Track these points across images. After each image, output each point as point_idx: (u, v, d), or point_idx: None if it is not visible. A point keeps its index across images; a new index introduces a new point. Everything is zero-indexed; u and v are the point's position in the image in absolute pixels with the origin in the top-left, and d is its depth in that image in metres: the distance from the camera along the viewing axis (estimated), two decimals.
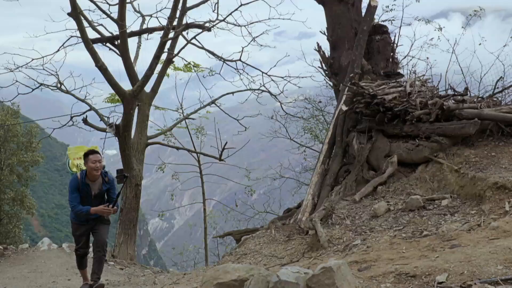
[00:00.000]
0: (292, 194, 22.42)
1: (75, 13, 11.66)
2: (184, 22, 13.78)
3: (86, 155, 8.05)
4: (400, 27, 13.09)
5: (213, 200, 28.72)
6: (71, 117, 14.98)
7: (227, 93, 16.78)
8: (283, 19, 14.89)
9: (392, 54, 11.30)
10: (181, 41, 14.32)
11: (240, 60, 14.75)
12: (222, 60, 15.10)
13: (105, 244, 8.52)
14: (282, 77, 15.30)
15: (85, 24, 12.99)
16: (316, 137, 21.12)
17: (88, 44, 11.93)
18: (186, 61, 17.09)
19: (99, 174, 8.10)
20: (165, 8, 14.54)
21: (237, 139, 19.49)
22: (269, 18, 14.88)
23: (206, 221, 20.31)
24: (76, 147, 9.31)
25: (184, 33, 14.72)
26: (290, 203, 15.89)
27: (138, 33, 16.05)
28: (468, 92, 10.02)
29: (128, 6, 14.23)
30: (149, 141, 15.32)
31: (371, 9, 11.07)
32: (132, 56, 14.09)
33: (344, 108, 10.10)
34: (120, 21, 12.29)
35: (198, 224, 26.08)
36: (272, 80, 15.36)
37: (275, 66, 15.39)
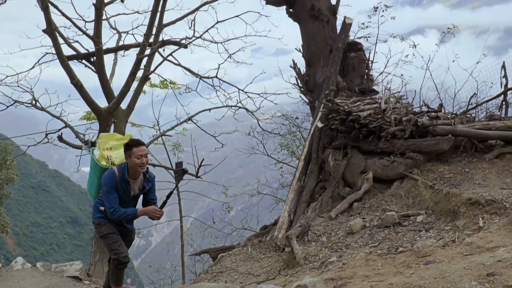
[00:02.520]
0: (269, 210, 22.40)
1: (50, 29, 11.58)
2: (160, 39, 13.76)
3: (129, 147, 6.58)
4: (375, 44, 13.23)
5: (190, 217, 28.57)
6: (46, 134, 14.81)
7: (204, 110, 16.73)
8: (260, 36, 14.96)
9: (367, 71, 11.41)
10: (157, 58, 14.30)
11: (216, 77, 14.77)
12: (199, 77, 15.11)
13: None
14: (259, 94, 15.36)
15: (61, 40, 12.89)
16: (293, 153, 21.17)
17: (64, 61, 11.85)
18: (163, 78, 17.08)
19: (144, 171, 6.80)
20: (141, 25, 14.52)
21: (215, 155, 19.43)
22: (245, 35, 14.95)
23: (183, 239, 20.15)
24: (108, 134, 7.61)
25: (161, 50, 14.70)
26: (268, 219, 15.89)
27: (114, 50, 15.97)
28: (443, 109, 10.13)
29: (104, 23, 14.16)
30: None
31: (346, 26, 11.18)
32: (108, 72, 14.01)
33: (320, 124, 10.15)
34: (96, 38, 12.24)
35: (176, 241, 25.87)
36: (249, 97, 15.42)
37: (251, 83, 15.45)
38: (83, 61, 14.52)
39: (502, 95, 12.08)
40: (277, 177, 23.31)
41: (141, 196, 7.06)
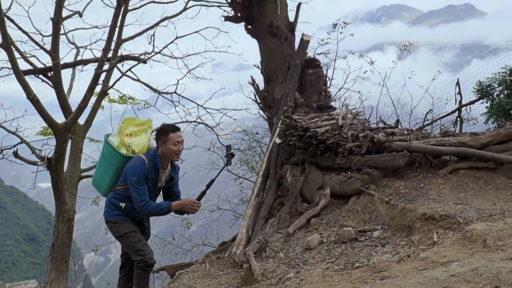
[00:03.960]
0: (230, 226, 22.38)
1: (6, 43, 11.40)
2: (119, 54, 13.68)
3: (165, 132, 6.09)
4: (335, 60, 13.39)
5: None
6: (1, 150, 14.58)
7: None
8: (220, 51, 15.06)
9: (324, 87, 11.52)
10: (116, 73, 14.23)
11: (175, 92, 14.78)
12: (158, 92, 15.09)
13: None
14: (218, 110, 15.41)
15: (17, 55, 12.70)
16: (252, 168, 21.22)
17: (20, 75, 11.66)
18: (121, 93, 16.97)
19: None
20: (100, 39, 14.47)
21: None
22: (205, 51, 15.02)
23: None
24: (129, 118, 6.66)
25: (120, 65, 14.63)
26: (229, 234, 15.84)
27: (72, 65, 15.81)
28: (399, 125, 10.28)
29: (62, 37, 14.04)
30: (83, 174, 15.02)
31: (304, 43, 11.28)
32: (65, 87, 13.85)
33: (278, 141, 10.19)
34: (54, 52, 12.09)
35: None
36: (208, 112, 15.44)
37: (210, 98, 15.49)
38: (40, 75, 14.35)
39: (457, 112, 12.33)
40: (237, 192, 23.33)
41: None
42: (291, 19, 12.07)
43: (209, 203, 23.61)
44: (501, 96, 12.35)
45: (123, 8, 12.63)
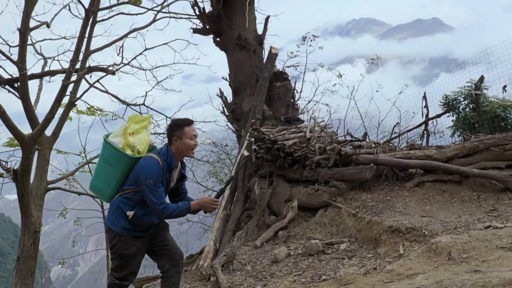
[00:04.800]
0: (199, 238, 22.25)
1: None
2: (87, 65, 13.57)
3: (179, 127, 5.61)
4: (304, 73, 13.46)
5: None
6: None
7: None
8: (189, 63, 15.01)
9: (292, 100, 11.56)
10: (84, 84, 14.10)
11: (144, 104, 14.68)
12: (126, 104, 14.98)
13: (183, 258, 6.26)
14: None
15: None
16: (221, 181, 21.15)
17: None
18: (89, 104, 16.82)
19: None
20: (68, 50, 14.32)
21: None
22: (174, 63, 14.97)
23: (109, 269, 19.75)
24: (130, 117, 6.01)
25: (88, 76, 14.51)
26: (198, 247, 15.75)
27: (40, 76, 15.64)
28: (367, 138, 10.36)
29: (30, 48, 13.89)
30: (50, 186, 14.82)
31: (272, 56, 11.32)
32: (33, 99, 13.68)
33: (246, 153, 10.18)
34: (20, 63, 11.94)
35: (103, 271, 25.32)
36: None
37: (179, 110, 15.42)
38: (7, 86, 14.16)
39: (424, 125, 12.48)
40: None
41: None
42: (260, 32, 12.11)
43: None
44: (467, 109, 12.51)
45: (91, 19, 12.54)
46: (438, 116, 12.73)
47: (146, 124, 5.85)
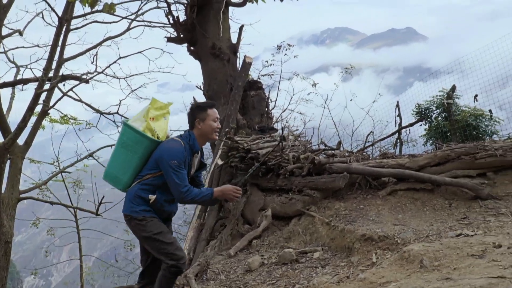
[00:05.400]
0: None
1: None
2: (60, 73, 13.47)
3: (202, 109, 5.50)
4: (279, 82, 13.48)
5: (92, 256, 27.82)
6: None
7: (105, 146, 16.43)
8: (163, 72, 14.96)
9: (266, 109, 11.59)
10: (57, 93, 13.99)
11: (117, 113, 14.60)
12: (99, 112, 14.88)
13: None
14: None
15: None
16: None
17: None
18: (62, 113, 16.68)
19: None
20: (41, 59, 14.20)
21: (119, 192, 19.02)
22: (148, 71, 14.91)
23: (82, 278, 19.54)
24: (154, 100, 5.72)
25: (61, 84, 14.40)
26: None
27: (12, 84, 15.48)
28: (341, 146, 10.40)
29: (2, 56, 13.78)
30: (22, 195, 14.64)
31: (246, 65, 11.34)
32: (5, 107, 13.56)
33: (220, 162, 10.18)
34: None
35: (77, 281, 25.07)
36: None
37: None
38: None
39: (397, 134, 12.59)
40: (180, 214, 23.12)
41: None
42: (234, 41, 12.13)
43: None
44: (439, 118, 12.65)
45: (65, 27, 12.47)
46: (411, 125, 12.85)
47: (165, 112, 5.65)
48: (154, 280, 5.59)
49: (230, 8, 12.41)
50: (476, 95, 11.93)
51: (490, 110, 11.93)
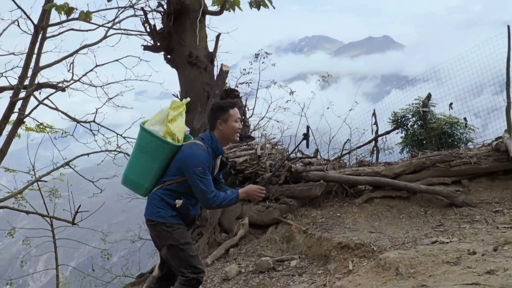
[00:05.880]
0: (151, 256, 22.00)
1: None
2: (36, 81, 13.37)
3: (224, 109, 5.24)
4: (257, 90, 13.50)
5: (69, 266, 27.52)
6: None
7: (82, 155, 16.30)
8: (140, 80, 14.89)
9: (243, 117, 11.59)
10: (33, 101, 13.86)
11: (94, 121, 14.51)
12: (76, 121, 14.78)
13: None
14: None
15: None
16: None
17: None
18: (38, 121, 16.54)
19: None
20: (16, 66, 14.07)
21: (96, 200, 18.87)
22: (125, 79, 14.84)
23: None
24: (174, 101, 5.46)
25: (37, 92, 14.27)
26: (151, 265, 15.59)
27: None
28: (319, 154, 10.44)
29: None
30: None
31: (223, 73, 11.34)
32: None
33: None
34: None
35: None
36: (128, 142, 15.21)
37: (130, 128, 15.24)
38: None
39: (373, 141, 12.67)
40: None
41: None
42: (211, 49, 12.13)
43: (130, 233, 23.18)
44: (415, 126, 12.75)
45: (41, 35, 12.40)
46: (387, 133, 12.94)
47: (181, 111, 5.42)
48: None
49: (207, 16, 12.39)
50: (451, 103, 12.05)
51: (465, 118, 12.05)
